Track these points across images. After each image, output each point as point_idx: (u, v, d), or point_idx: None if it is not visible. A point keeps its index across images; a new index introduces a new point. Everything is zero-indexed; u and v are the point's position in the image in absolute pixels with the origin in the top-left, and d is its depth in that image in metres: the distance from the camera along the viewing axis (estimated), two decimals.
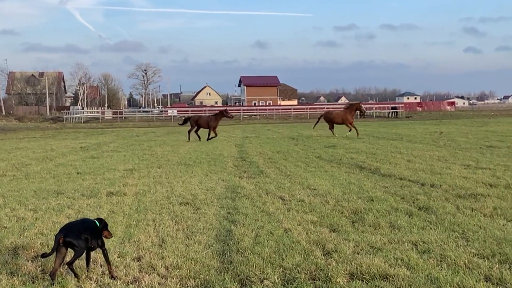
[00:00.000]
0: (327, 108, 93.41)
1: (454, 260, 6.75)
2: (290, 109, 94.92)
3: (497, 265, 6.53)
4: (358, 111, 33.63)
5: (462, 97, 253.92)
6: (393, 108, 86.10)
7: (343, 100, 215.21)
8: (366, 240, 7.80)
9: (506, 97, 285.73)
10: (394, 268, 6.51)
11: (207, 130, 31.14)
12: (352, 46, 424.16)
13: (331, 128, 32.99)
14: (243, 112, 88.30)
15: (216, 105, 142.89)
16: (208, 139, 29.96)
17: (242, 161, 19.10)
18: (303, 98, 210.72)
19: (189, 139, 30.81)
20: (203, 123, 31.25)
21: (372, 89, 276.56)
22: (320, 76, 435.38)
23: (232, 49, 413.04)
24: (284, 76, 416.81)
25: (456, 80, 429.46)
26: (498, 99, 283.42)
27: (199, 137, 30.69)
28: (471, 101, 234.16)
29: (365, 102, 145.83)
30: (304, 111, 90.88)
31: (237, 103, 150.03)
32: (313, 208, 10.21)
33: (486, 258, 6.84)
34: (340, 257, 7.02)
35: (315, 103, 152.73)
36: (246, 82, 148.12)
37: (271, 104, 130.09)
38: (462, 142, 25.37)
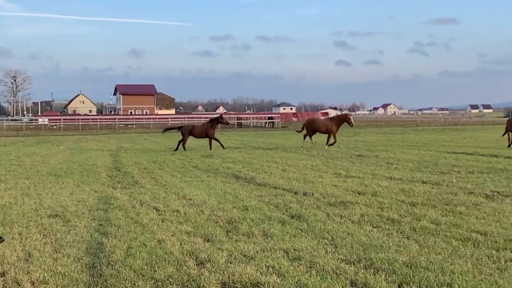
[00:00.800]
0: (205, 118, 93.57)
1: (323, 266, 6.95)
2: (168, 118, 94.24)
3: (363, 270, 6.80)
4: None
5: (335, 108, 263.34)
6: (269, 118, 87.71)
7: (221, 109, 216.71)
8: (239, 249, 7.86)
9: (376, 109, 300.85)
10: (266, 276, 6.60)
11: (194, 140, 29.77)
12: (229, 56, 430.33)
13: (310, 136, 30.25)
14: (119, 121, 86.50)
15: (90, 113, 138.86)
16: (211, 148, 28.32)
17: (117, 171, 18.69)
18: (181, 108, 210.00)
19: (184, 148, 28.55)
20: (199, 133, 29.16)
21: (249, 99, 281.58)
22: (198, 86, 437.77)
23: (106, 57, 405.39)
24: (161, 85, 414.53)
25: (329, 91, 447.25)
26: (368, 110, 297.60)
27: (184, 148, 28.35)
28: (343, 112, 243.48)
29: (242, 112, 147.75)
30: (181, 121, 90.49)
31: (112, 112, 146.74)
32: (188, 218, 10.15)
33: (352, 264, 7.10)
34: (213, 267, 7.02)
35: (193, 113, 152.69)
36: (122, 90, 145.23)
37: (148, 113, 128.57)
38: (334, 151, 26.27)
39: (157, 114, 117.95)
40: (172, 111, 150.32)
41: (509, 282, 6.28)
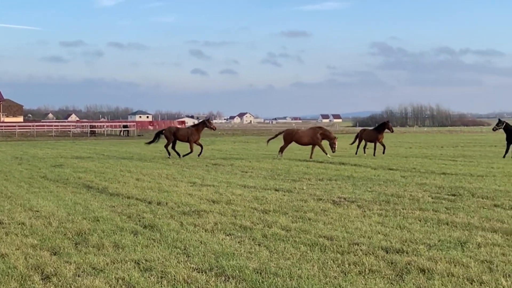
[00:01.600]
0: (56, 126, 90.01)
1: (174, 276, 6.90)
2: (15, 126, 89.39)
3: (214, 278, 6.84)
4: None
5: (192, 117, 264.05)
6: (124, 126, 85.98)
7: (73, 117, 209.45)
8: (88, 262, 7.61)
9: (232, 117, 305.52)
10: None
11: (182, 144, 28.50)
12: (80, 63, 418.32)
13: (283, 148, 27.30)
14: None
15: None
16: (185, 155, 27.25)
17: None
18: (30, 115, 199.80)
19: (169, 154, 27.55)
20: (182, 136, 28.00)
21: (104, 107, 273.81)
22: (48, 92, 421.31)
23: None
24: (8, 91, 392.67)
25: (186, 99, 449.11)
26: (225, 119, 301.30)
27: (178, 154, 27.38)
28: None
29: (96, 120, 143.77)
30: (30, 129, 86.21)
31: None
32: (34, 231, 9.68)
33: (204, 272, 7.11)
34: (59, 281, 6.75)
35: (42, 120, 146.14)
36: None
37: None
38: (190, 160, 26.26)
39: (3, 122, 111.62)
40: (20, 119, 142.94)
41: (352, 284, 6.59)
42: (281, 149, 27.35)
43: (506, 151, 26.79)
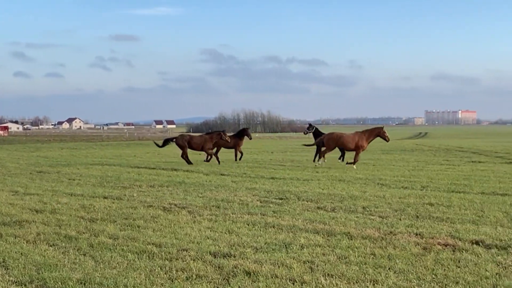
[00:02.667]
0: None
1: None
2: None
3: None
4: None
5: (17, 122, 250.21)
6: None
7: None
8: None
9: (60, 123, 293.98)
10: None
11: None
12: None
13: (323, 153, 25.07)
14: None
15: None
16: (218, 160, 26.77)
17: None
18: None
19: (189, 162, 26.23)
20: (196, 144, 26.95)
21: None
22: None
23: None
24: None
25: (9, 104, 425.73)
26: (52, 125, 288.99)
27: (188, 161, 26.31)
28: (25, 126, 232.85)
29: None
30: None
31: None
32: None
33: (24, 285, 6.79)
34: None
35: None
36: None
37: None
38: (12, 168, 24.89)
39: None
40: None
41: None
42: (323, 154, 25.31)
43: (316, 155, 27.74)
